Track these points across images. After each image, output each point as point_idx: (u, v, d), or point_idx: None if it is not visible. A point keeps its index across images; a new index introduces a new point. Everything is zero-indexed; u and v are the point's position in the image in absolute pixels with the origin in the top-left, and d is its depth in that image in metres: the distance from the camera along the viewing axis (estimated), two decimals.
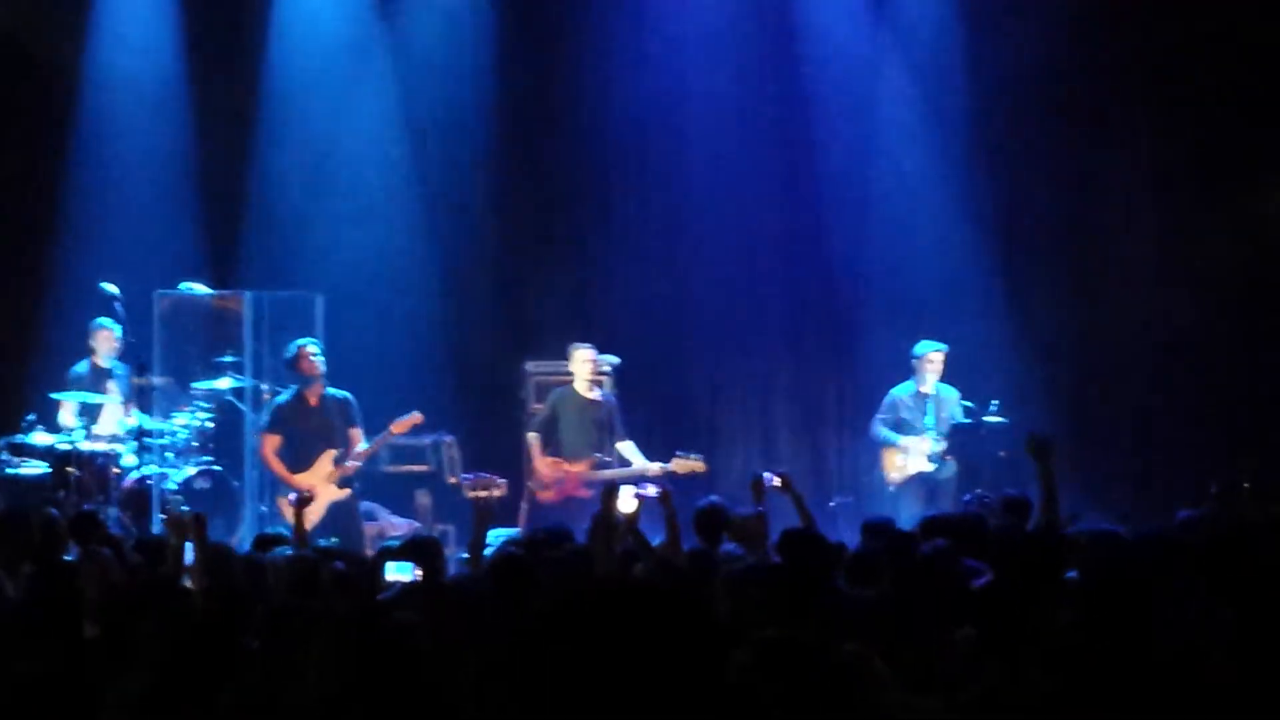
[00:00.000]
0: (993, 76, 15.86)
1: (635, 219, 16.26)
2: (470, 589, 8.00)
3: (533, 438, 14.07)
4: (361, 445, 13.35)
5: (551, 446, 13.99)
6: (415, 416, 13.44)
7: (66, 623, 7.34)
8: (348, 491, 13.28)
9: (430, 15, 16.18)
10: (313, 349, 13.45)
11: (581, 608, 3.24)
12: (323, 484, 13.06)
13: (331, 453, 13.26)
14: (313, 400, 13.39)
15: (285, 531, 13.78)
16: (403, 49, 16.17)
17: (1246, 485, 11.69)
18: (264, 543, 9.45)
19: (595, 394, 14.11)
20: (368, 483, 13.93)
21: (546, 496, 13.69)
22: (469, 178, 16.18)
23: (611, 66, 16.01)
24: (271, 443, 13.44)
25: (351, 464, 13.25)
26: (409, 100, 16.13)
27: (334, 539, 11.38)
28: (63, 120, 15.52)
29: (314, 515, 12.22)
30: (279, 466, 13.35)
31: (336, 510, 13.16)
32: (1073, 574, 7.73)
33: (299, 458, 13.33)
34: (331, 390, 13.45)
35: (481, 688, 5.79)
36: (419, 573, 7.63)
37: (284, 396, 13.65)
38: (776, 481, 9.77)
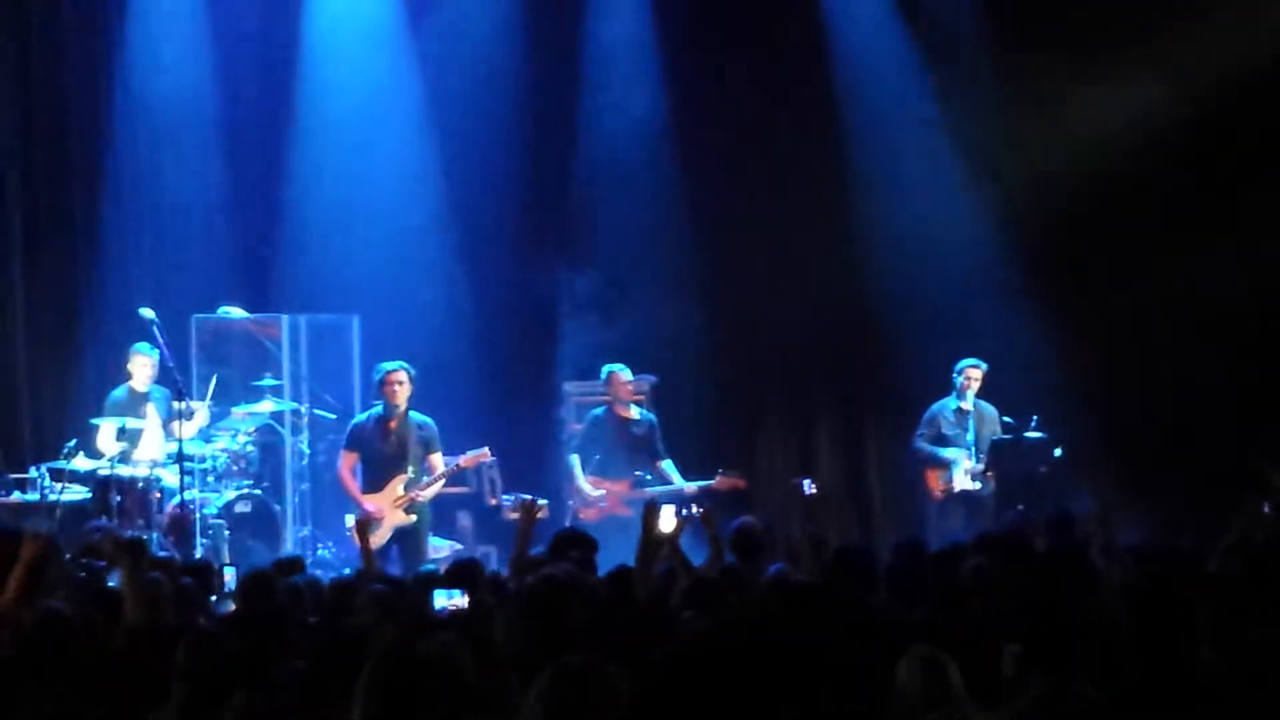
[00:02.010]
0: (1023, 89, 15.88)
1: (668, 236, 16.26)
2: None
3: (574, 459, 14.11)
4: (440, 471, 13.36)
5: (591, 466, 14.01)
6: (483, 452, 13.50)
7: (106, 648, 7.35)
8: (413, 518, 13.23)
9: (461, 39, 16.21)
10: (399, 376, 13.28)
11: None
12: (390, 508, 13.04)
13: (403, 477, 13.21)
14: (393, 423, 13.34)
15: (329, 555, 13.88)
16: (434, 72, 16.21)
17: None
18: (283, 568, 9.44)
19: (634, 413, 14.15)
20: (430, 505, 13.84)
21: (589, 516, 13.71)
22: (503, 197, 16.21)
23: (645, 85, 16.07)
24: (348, 461, 13.41)
25: (418, 492, 13.21)
26: (441, 121, 16.17)
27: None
28: (99, 146, 15.58)
29: (378, 539, 12.23)
30: (351, 485, 13.33)
31: (401, 535, 13.13)
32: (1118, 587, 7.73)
33: (372, 479, 13.29)
34: (414, 414, 13.38)
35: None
36: (465, 600, 7.59)
37: (364, 416, 13.63)
38: (814, 489, 9.74)
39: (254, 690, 6.13)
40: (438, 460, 13.33)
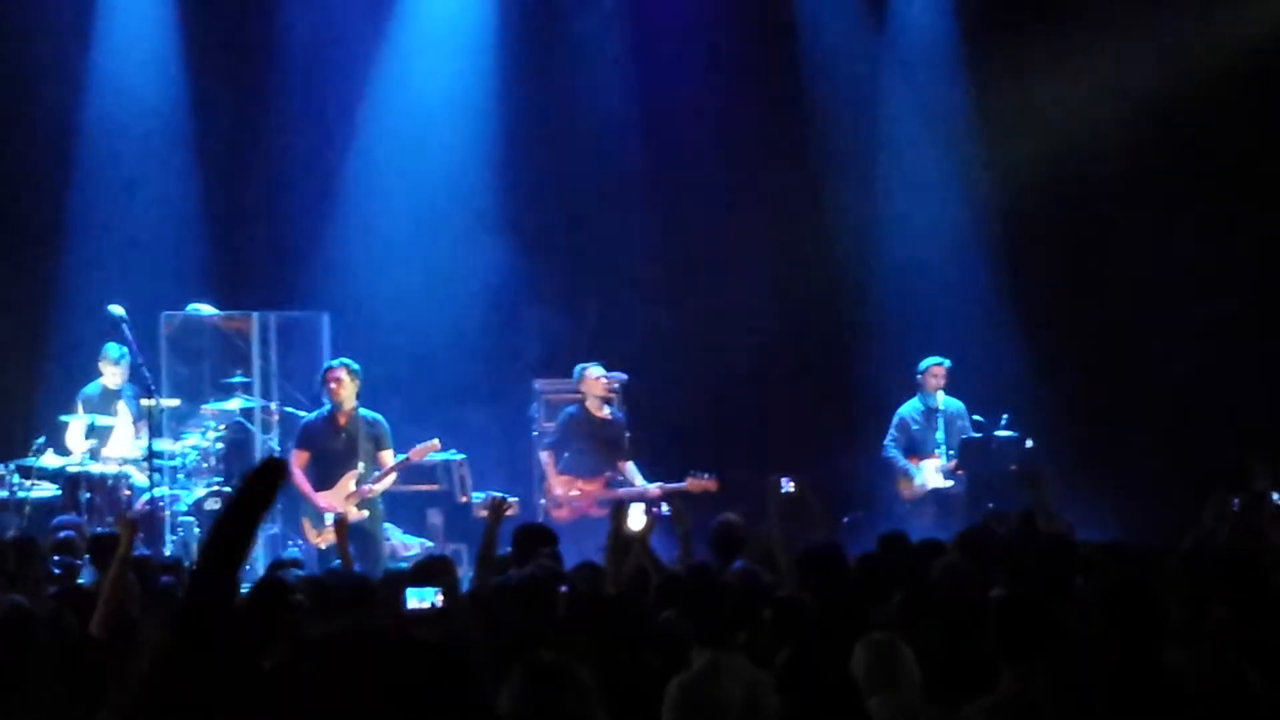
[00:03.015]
0: (992, 86, 15.92)
1: (642, 236, 16.27)
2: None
3: (545, 457, 14.10)
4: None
5: (563, 465, 14.00)
6: (433, 443, 13.46)
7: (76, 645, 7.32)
8: (366, 514, 13.21)
9: (436, 35, 16.18)
10: (337, 373, 13.29)
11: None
12: (343, 504, 13.02)
13: (354, 474, 13.21)
14: (342, 420, 13.34)
15: (298, 553, 13.84)
16: (408, 70, 16.17)
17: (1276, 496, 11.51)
18: (279, 567, 9.47)
19: (605, 412, 14.14)
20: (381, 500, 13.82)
21: (560, 515, 13.68)
22: (475, 196, 16.19)
23: (617, 85, 16.08)
24: (299, 459, 13.39)
25: (369, 488, 13.20)
26: (415, 119, 16.14)
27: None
28: (68, 142, 15.52)
29: (330, 536, 12.21)
30: (303, 484, 13.31)
31: (355, 533, 13.09)
32: (1081, 584, 7.75)
33: (323, 476, 13.28)
34: (363, 411, 13.38)
35: None
36: (440, 598, 7.55)
37: (314, 414, 13.63)
38: (791, 486, 9.72)
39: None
40: (388, 457, 13.33)
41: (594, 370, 14.14)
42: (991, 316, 15.71)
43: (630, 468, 13.98)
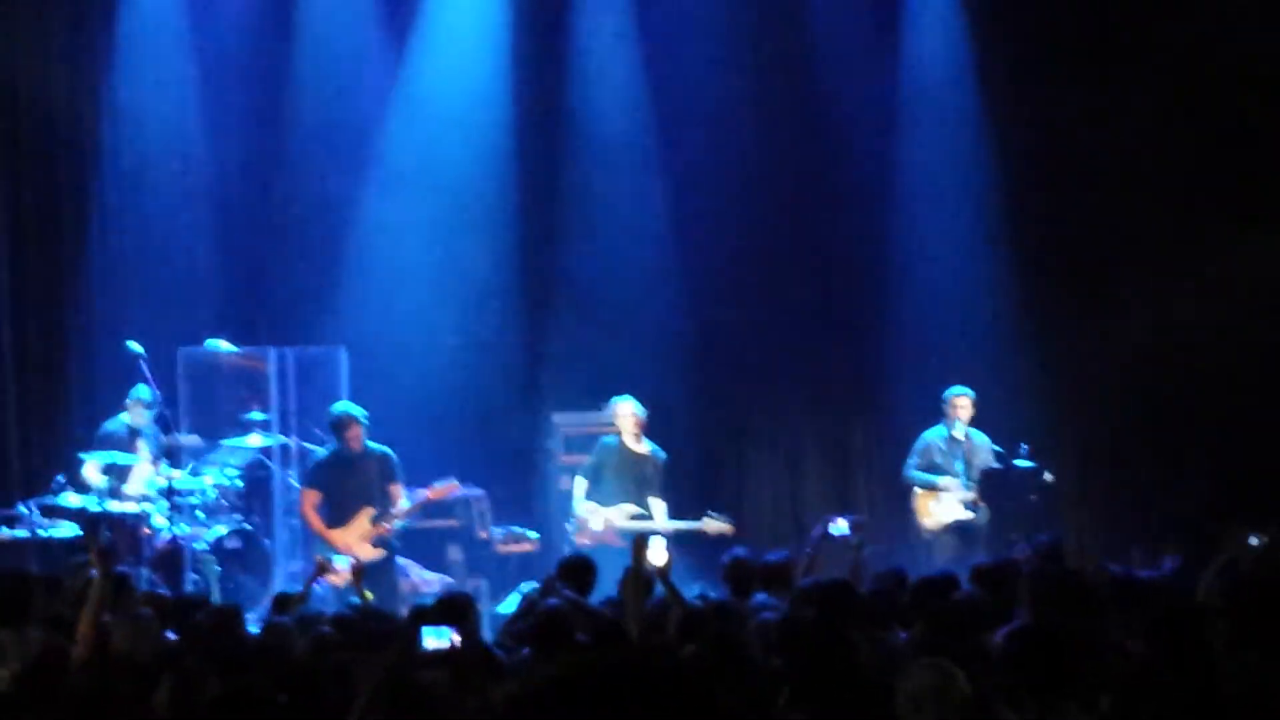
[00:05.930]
0: (1013, 114, 15.92)
1: (659, 267, 16.27)
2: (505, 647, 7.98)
3: (578, 482, 13.91)
4: (403, 504, 13.30)
5: (595, 494, 13.83)
6: (451, 484, 13.42)
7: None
8: (382, 552, 13.18)
9: (450, 64, 16.20)
10: (356, 431, 13.20)
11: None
12: (358, 542, 12.98)
13: (369, 511, 13.18)
14: (353, 457, 13.36)
15: (320, 589, 13.82)
16: (421, 102, 16.20)
17: None
18: (283, 603, 9.48)
19: (643, 447, 13.88)
20: (397, 537, 13.82)
21: (583, 541, 13.57)
22: (489, 229, 16.21)
23: (624, 107, 16.13)
24: (310, 498, 13.37)
25: (387, 524, 13.18)
26: (429, 153, 16.14)
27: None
28: (86, 180, 15.56)
29: (348, 575, 12.19)
30: (317, 523, 13.27)
31: (371, 570, 13.04)
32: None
33: (337, 514, 13.23)
34: (372, 445, 13.36)
35: None
36: (456, 637, 7.53)
37: (324, 452, 13.60)
38: (848, 529, 9.65)
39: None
40: (398, 490, 13.31)
41: (624, 406, 13.87)
42: (1012, 348, 15.69)
43: (658, 505, 13.82)
